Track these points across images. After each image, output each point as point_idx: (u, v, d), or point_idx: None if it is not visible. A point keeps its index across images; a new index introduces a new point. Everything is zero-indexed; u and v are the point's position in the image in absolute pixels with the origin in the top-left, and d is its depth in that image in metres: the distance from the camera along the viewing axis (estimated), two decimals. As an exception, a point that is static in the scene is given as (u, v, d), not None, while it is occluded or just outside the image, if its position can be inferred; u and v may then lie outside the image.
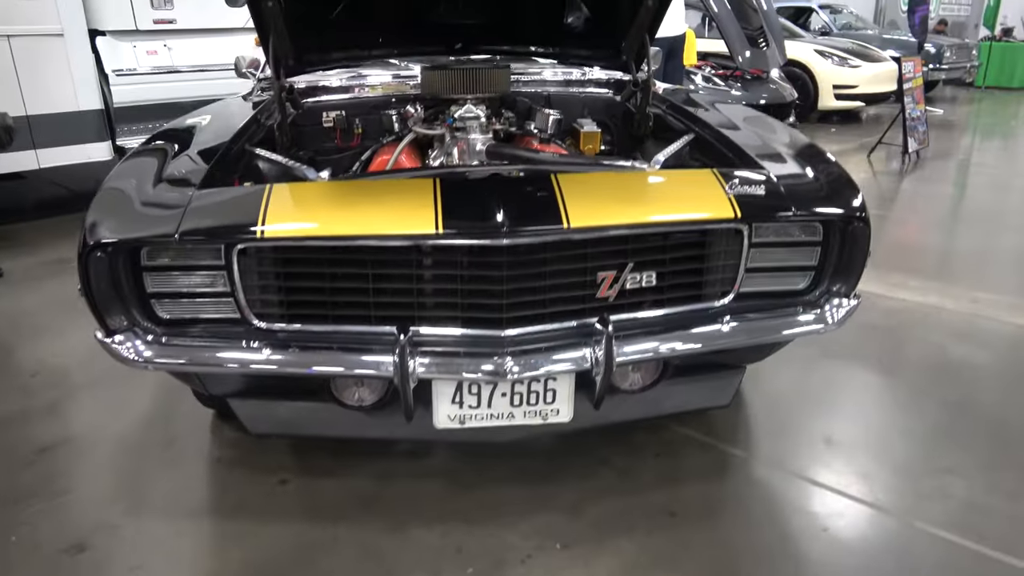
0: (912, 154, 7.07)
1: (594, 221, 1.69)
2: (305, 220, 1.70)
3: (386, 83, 3.17)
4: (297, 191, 1.81)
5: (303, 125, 2.93)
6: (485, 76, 2.54)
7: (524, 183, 1.82)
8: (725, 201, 1.79)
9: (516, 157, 2.31)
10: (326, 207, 1.74)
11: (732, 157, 2.16)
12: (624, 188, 1.84)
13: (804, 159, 2.09)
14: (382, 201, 1.74)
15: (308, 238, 1.67)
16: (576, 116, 3.05)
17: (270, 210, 1.70)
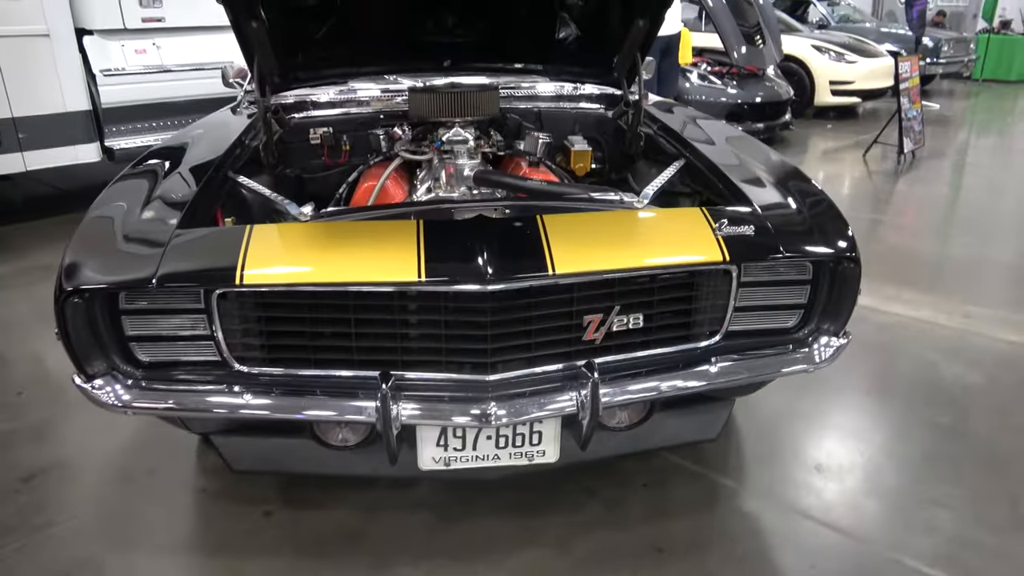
0: (908, 154, 7.04)
1: (580, 267, 1.67)
2: (285, 266, 1.67)
3: (375, 97, 3.13)
4: (277, 233, 1.78)
5: (290, 142, 2.89)
6: (474, 99, 2.50)
7: (509, 226, 1.79)
8: (713, 243, 1.77)
9: (503, 184, 2.29)
10: (307, 251, 1.71)
11: (721, 187, 2.14)
12: (611, 229, 1.81)
13: (792, 192, 2.07)
14: (363, 245, 1.70)
15: (288, 285, 1.65)
16: (567, 132, 3.02)
17: (250, 254, 1.67)
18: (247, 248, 1.68)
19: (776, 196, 2.04)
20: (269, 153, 2.67)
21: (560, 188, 2.28)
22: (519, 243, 1.71)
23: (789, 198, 2.03)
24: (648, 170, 2.74)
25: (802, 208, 1.97)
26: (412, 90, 2.59)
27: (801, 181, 2.21)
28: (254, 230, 1.75)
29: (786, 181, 2.20)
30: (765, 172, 2.22)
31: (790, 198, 2.03)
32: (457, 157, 2.46)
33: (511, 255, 1.67)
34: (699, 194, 2.33)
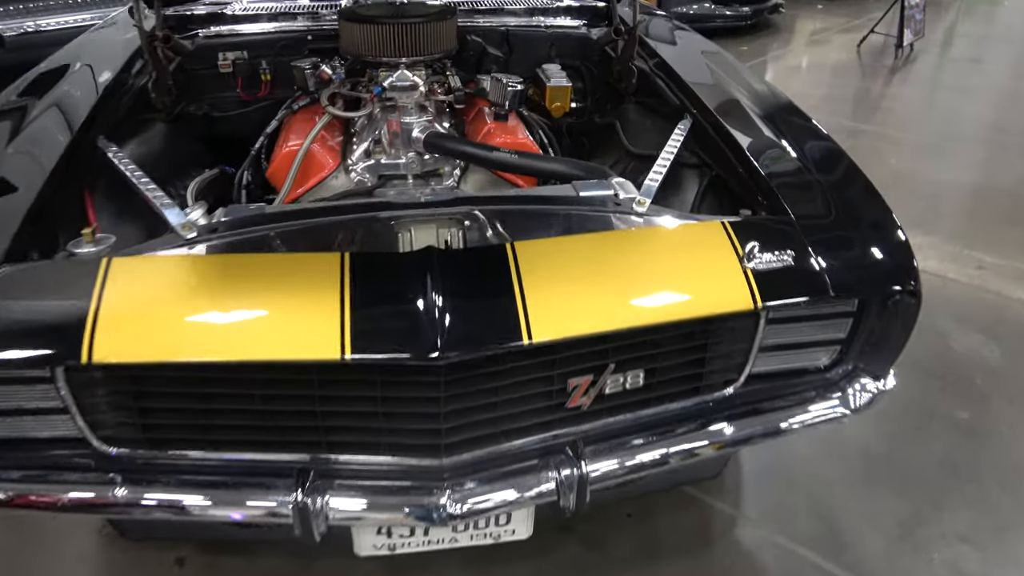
0: (906, 46, 6.46)
1: (564, 329, 1.22)
2: (154, 330, 1.19)
3: (303, 7, 2.50)
4: (146, 272, 1.28)
5: (193, 69, 2.29)
6: (424, 32, 1.92)
7: (468, 265, 1.31)
8: (740, 280, 1.32)
9: (460, 154, 1.80)
10: (186, 305, 1.22)
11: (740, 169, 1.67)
12: (604, 264, 1.34)
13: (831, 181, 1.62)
14: (265, 299, 1.22)
15: (156, 363, 1.18)
16: (540, 58, 2.46)
17: (104, 310, 1.18)
18: (100, 299, 1.19)
19: (814, 192, 1.58)
20: (162, 93, 2.08)
21: (535, 164, 1.78)
22: (482, 294, 1.25)
23: (829, 195, 1.57)
24: (641, 120, 2.22)
25: (850, 215, 1.52)
26: (343, 15, 1.99)
27: (838, 161, 1.74)
28: (112, 267, 1.25)
29: (820, 160, 1.73)
30: (793, 144, 1.74)
31: (830, 195, 1.57)
32: (403, 113, 1.92)
33: (471, 315, 1.21)
34: (707, 168, 1.85)
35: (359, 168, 1.92)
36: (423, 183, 1.96)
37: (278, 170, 1.87)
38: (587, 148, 2.45)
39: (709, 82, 2.08)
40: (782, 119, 1.91)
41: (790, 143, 1.76)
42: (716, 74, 2.15)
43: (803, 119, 1.92)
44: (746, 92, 2.03)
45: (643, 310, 1.28)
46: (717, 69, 2.19)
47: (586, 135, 2.49)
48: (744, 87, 2.07)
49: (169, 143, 2.08)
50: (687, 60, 2.23)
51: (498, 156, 1.76)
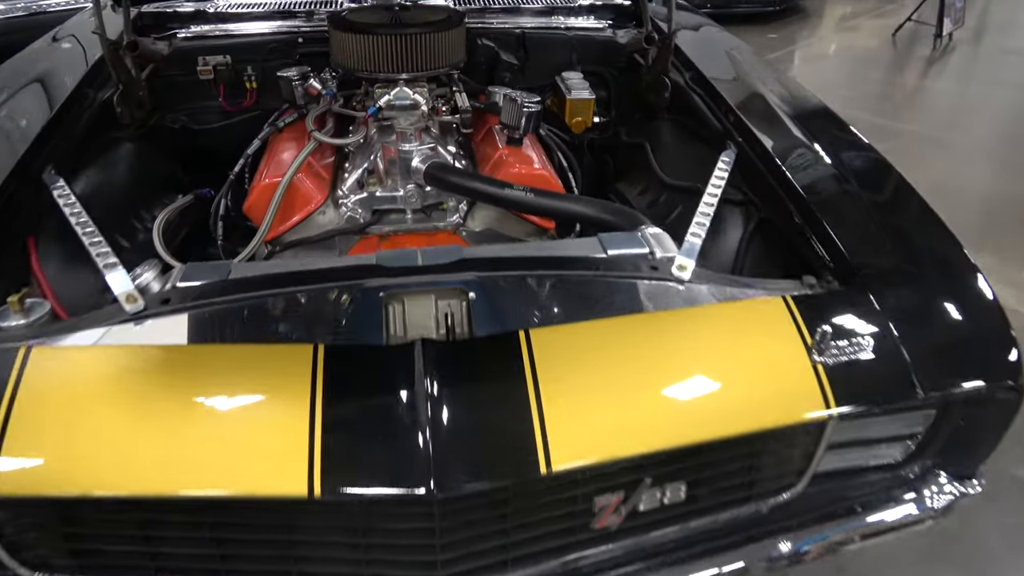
0: (945, 36, 6.09)
1: (593, 453, 0.97)
2: (80, 448, 0.95)
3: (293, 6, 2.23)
4: (70, 367, 1.03)
5: (170, 75, 2.04)
6: (428, 44, 1.65)
7: (470, 370, 1.04)
8: (811, 381, 1.07)
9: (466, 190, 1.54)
10: (122, 412, 0.98)
11: (797, 219, 1.41)
12: (642, 362, 1.08)
13: (911, 237, 1.35)
14: (217, 415, 0.97)
15: (79, 495, 0.93)
16: (560, 64, 2.19)
17: (13, 423, 0.94)
18: (11, 406, 0.95)
19: (886, 247, 1.32)
20: (130, 106, 1.83)
21: (555, 205, 1.52)
22: (489, 407, 0.99)
23: (905, 252, 1.31)
24: (676, 143, 1.95)
25: (934, 282, 1.26)
26: (333, 23, 1.72)
27: (908, 202, 1.47)
28: (31, 361, 1.00)
29: (889, 203, 1.47)
30: (856, 181, 1.48)
31: (906, 252, 1.31)
32: (401, 138, 1.66)
33: (474, 436, 0.96)
34: (754, 207, 1.59)
35: (350, 202, 1.67)
36: (424, 217, 1.71)
37: (257, 204, 1.61)
38: (611, 168, 2.18)
39: (754, 101, 1.81)
40: (841, 149, 1.64)
41: (853, 180, 1.50)
42: (760, 90, 1.87)
43: (865, 149, 1.64)
44: (796, 113, 1.75)
45: (690, 424, 1.02)
46: (762, 84, 1.91)
47: (610, 153, 2.22)
48: (794, 106, 1.79)
49: (137, 166, 1.83)
50: (728, 74, 1.95)
51: (511, 195, 1.50)
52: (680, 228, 1.69)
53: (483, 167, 1.77)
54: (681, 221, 1.75)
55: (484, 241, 1.72)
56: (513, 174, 1.66)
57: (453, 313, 1.15)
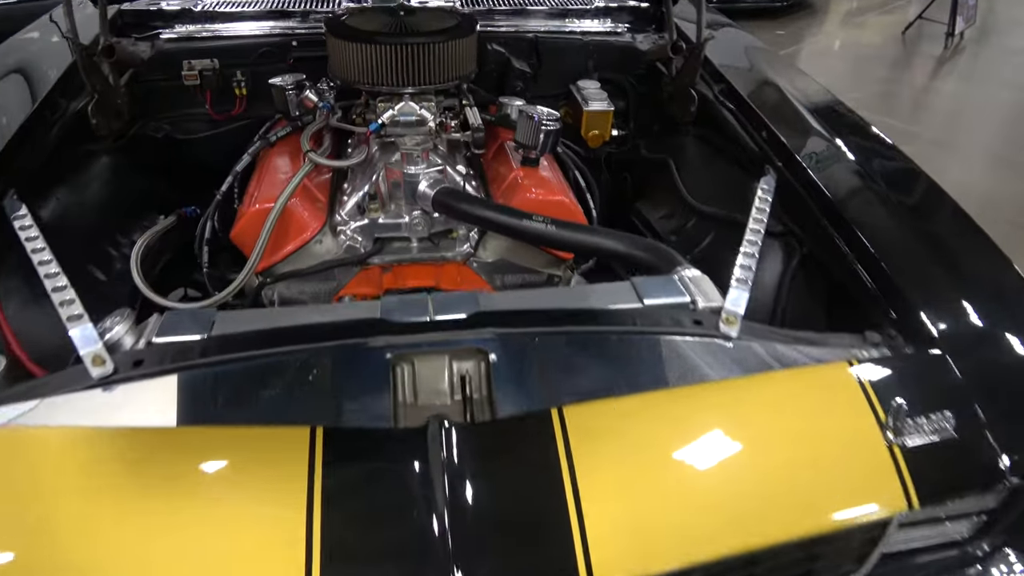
0: (957, 35, 5.94)
1: (642, 566, 0.82)
2: (26, 561, 0.79)
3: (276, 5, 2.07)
4: (21, 448, 0.87)
5: (152, 80, 1.87)
6: (436, 54, 1.49)
7: (493, 460, 0.89)
8: (886, 466, 0.92)
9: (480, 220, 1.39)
10: (78, 509, 0.82)
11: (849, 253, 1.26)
12: (694, 449, 0.92)
13: (982, 289, 1.20)
14: (195, 515, 0.82)
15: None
16: (576, 71, 2.03)
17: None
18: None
19: (954, 292, 1.17)
20: (107, 116, 1.67)
21: (579, 239, 1.36)
22: (517, 507, 0.84)
23: (976, 298, 1.16)
24: (703, 162, 1.80)
25: (1012, 339, 1.11)
26: (330, 28, 1.56)
27: (969, 233, 1.33)
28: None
29: (952, 235, 1.33)
30: (913, 212, 1.34)
31: (977, 298, 1.16)
32: (407, 159, 1.50)
33: (499, 544, 0.81)
34: (796, 240, 1.44)
35: (350, 229, 1.51)
36: (431, 246, 1.55)
37: (245, 232, 1.45)
38: (630, 185, 2.02)
39: (791, 118, 1.66)
40: (892, 176, 1.49)
41: (909, 213, 1.35)
42: (797, 105, 1.72)
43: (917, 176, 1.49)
44: (839, 133, 1.60)
45: (751, 525, 0.87)
46: (798, 98, 1.76)
47: (628, 169, 2.06)
48: (836, 125, 1.64)
49: (114, 182, 1.67)
50: (759, 86, 1.80)
51: (532, 227, 1.35)
52: (713, 260, 1.55)
53: (495, 189, 1.61)
54: (714, 252, 1.61)
55: (497, 272, 1.56)
56: (530, 200, 1.50)
57: (470, 376, 1.00)
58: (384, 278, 1.53)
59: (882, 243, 1.24)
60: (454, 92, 1.72)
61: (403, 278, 1.54)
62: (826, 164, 1.48)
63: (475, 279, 1.55)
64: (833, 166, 1.47)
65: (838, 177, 1.43)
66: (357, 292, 1.53)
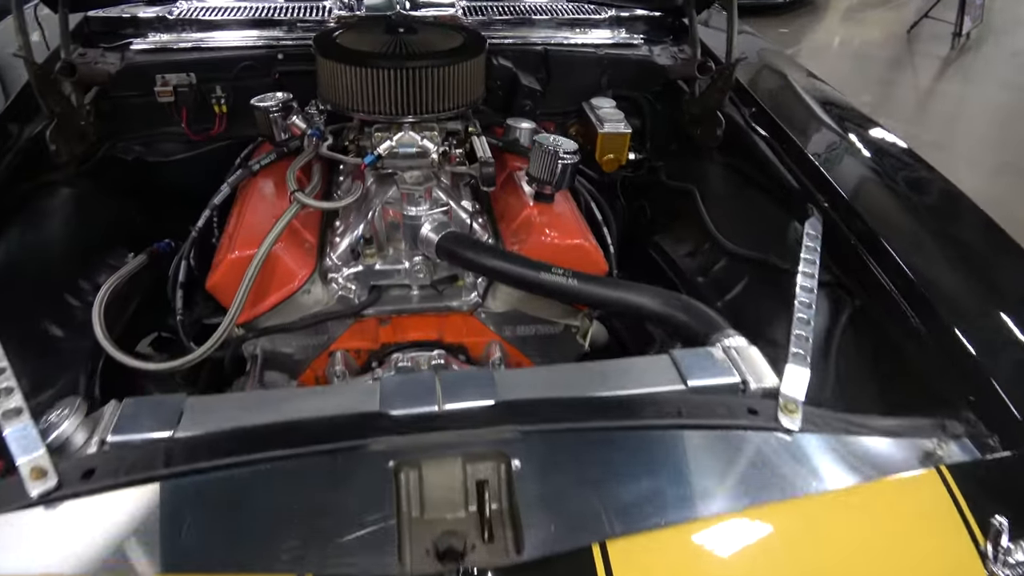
0: (964, 35, 5.80)
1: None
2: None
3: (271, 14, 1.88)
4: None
5: (122, 96, 1.69)
6: (441, 79, 1.32)
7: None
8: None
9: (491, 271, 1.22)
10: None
11: (913, 318, 1.11)
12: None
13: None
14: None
15: None
16: (589, 88, 1.86)
17: None
18: None
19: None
20: (67, 141, 1.49)
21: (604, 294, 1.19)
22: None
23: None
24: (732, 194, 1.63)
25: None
26: (319, 46, 1.38)
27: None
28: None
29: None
30: (980, 268, 1.19)
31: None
32: (407, 198, 1.32)
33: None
34: (846, 292, 1.28)
35: (342, 276, 1.34)
36: (433, 294, 1.38)
37: (223, 283, 1.27)
38: (647, 215, 1.86)
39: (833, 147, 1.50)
40: (954, 219, 1.34)
41: (982, 267, 1.20)
42: (838, 130, 1.56)
43: (995, 231, 1.31)
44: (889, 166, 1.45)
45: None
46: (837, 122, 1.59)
47: (646, 196, 1.90)
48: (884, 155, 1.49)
49: (75, 217, 1.49)
50: (793, 107, 1.64)
51: (551, 280, 1.18)
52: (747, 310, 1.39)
53: (505, 227, 1.44)
54: (749, 301, 1.44)
55: (507, 323, 1.39)
56: (545, 244, 1.33)
57: (489, 484, 0.83)
58: (381, 331, 1.36)
59: (956, 306, 1.08)
60: (461, 114, 1.55)
61: (403, 331, 1.37)
62: (878, 205, 1.32)
63: (483, 331, 1.39)
64: (886, 207, 1.32)
65: (894, 221, 1.27)
66: (350, 346, 1.36)
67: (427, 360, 1.29)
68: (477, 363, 1.40)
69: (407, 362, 1.28)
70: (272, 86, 1.73)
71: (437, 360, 1.28)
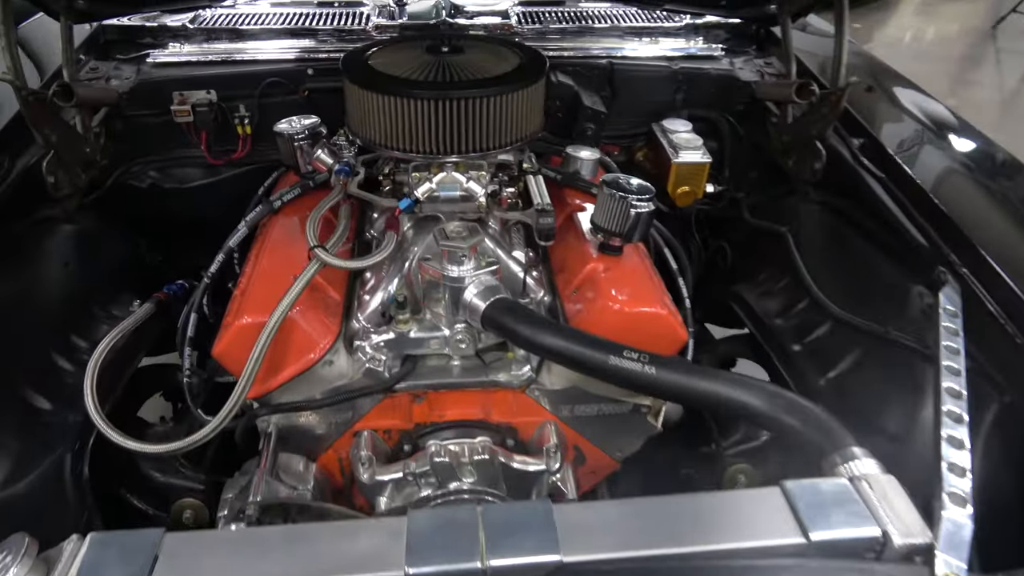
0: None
1: None
2: None
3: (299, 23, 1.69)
4: None
5: (137, 115, 1.51)
6: (493, 112, 1.10)
7: None
8: None
9: (548, 352, 1.01)
10: None
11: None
12: None
13: None
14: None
15: None
16: (659, 107, 1.62)
17: None
18: None
19: None
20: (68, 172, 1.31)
21: (692, 387, 0.96)
22: None
23: None
24: (833, 243, 1.37)
25: None
26: (348, 68, 1.17)
27: None
28: None
29: None
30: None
31: None
32: (449, 259, 1.10)
33: None
34: (991, 386, 1.02)
35: (370, 345, 1.12)
36: (478, 365, 1.16)
37: (230, 353, 1.07)
38: (727, 261, 1.61)
39: (969, 195, 1.23)
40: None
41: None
42: (973, 178, 1.29)
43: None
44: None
45: None
46: (973, 165, 1.32)
47: (725, 235, 1.65)
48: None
49: (73, 261, 1.31)
50: (915, 143, 1.37)
51: (622, 367, 0.95)
52: (861, 396, 1.14)
53: (564, 283, 1.21)
54: (862, 383, 1.19)
55: (565, 402, 1.17)
56: (614, 313, 1.10)
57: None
58: (415, 409, 1.15)
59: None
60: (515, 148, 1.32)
61: (441, 408, 1.15)
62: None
63: (536, 410, 1.17)
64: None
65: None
66: (379, 425, 1.16)
67: (469, 453, 1.08)
68: (527, 446, 1.18)
69: (444, 456, 1.07)
70: (301, 104, 1.53)
71: (481, 455, 1.06)
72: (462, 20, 1.67)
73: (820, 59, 1.57)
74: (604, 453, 1.22)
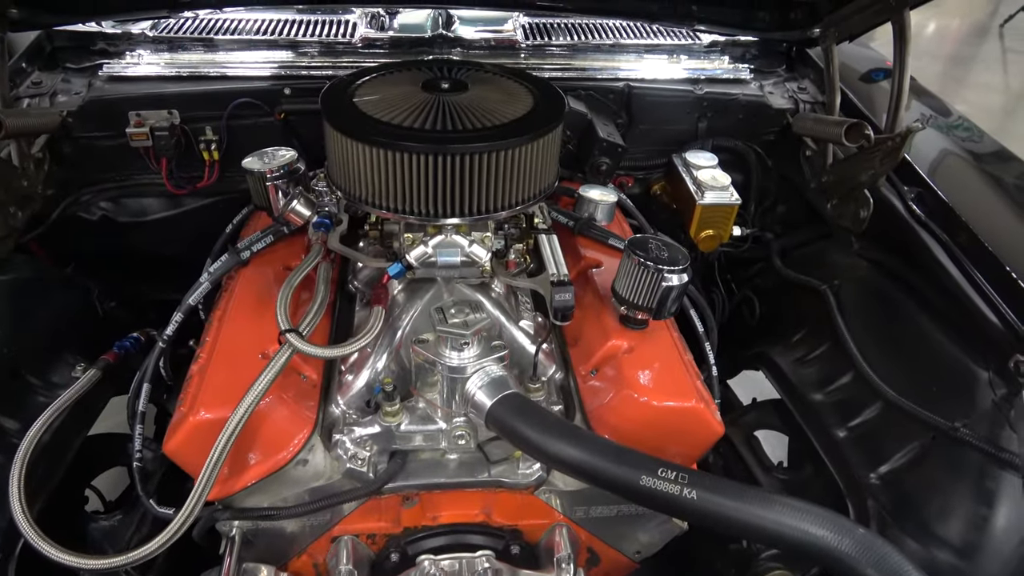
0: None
1: None
2: None
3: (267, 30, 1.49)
4: None
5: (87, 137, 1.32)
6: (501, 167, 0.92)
7: None
8: None
9: (562, 464, 0.85)
10: None
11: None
12: None
13: None
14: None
15: None
16: (681, 135, 1.45)
17: None
18: None
19: None
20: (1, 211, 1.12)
21: (720, 510, 0.79)
22: None
23: None
24: (881, 307, 1.21)
25: None
26: (327, 105, 0.99)
27: None
28: None
29: None
30: None
31: None
32: (449, 344, 0.92)
33: None
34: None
35: (352, 439, 0.95)
36: (479, 459, 0.99)
37: (184, 451, 0.90)
38: (755, 315, 1.45)
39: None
40: None
41: None
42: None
43: None
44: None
45: None
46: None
47: (751, 283, 1.49)
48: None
49: (4, 323, 1.12)
50: (987, 199, 1.20)
51: (654, 489, 0.78)
52: (916, 491, 0.99)
53: (579, 357, 1.04)
54: (919, 480, 1.03)
55: (579, 504, 1.00)
56: (640, 407, 0.93)
57: None
58: (404, 512, 0.98)
59: None
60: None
61: (434, 508, 0.99)
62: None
63: (546, 512, 1.00)
64: None
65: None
66: (362, 529, 0.99)
67: (469, 570, 0.91)
68: (534, 550, 1.01)
69: (438, 574, 0.90)
70: (276, 128, 1.35)
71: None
72: (460, 33, 1.48)
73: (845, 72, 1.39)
74: (621, 554, 1.06)
